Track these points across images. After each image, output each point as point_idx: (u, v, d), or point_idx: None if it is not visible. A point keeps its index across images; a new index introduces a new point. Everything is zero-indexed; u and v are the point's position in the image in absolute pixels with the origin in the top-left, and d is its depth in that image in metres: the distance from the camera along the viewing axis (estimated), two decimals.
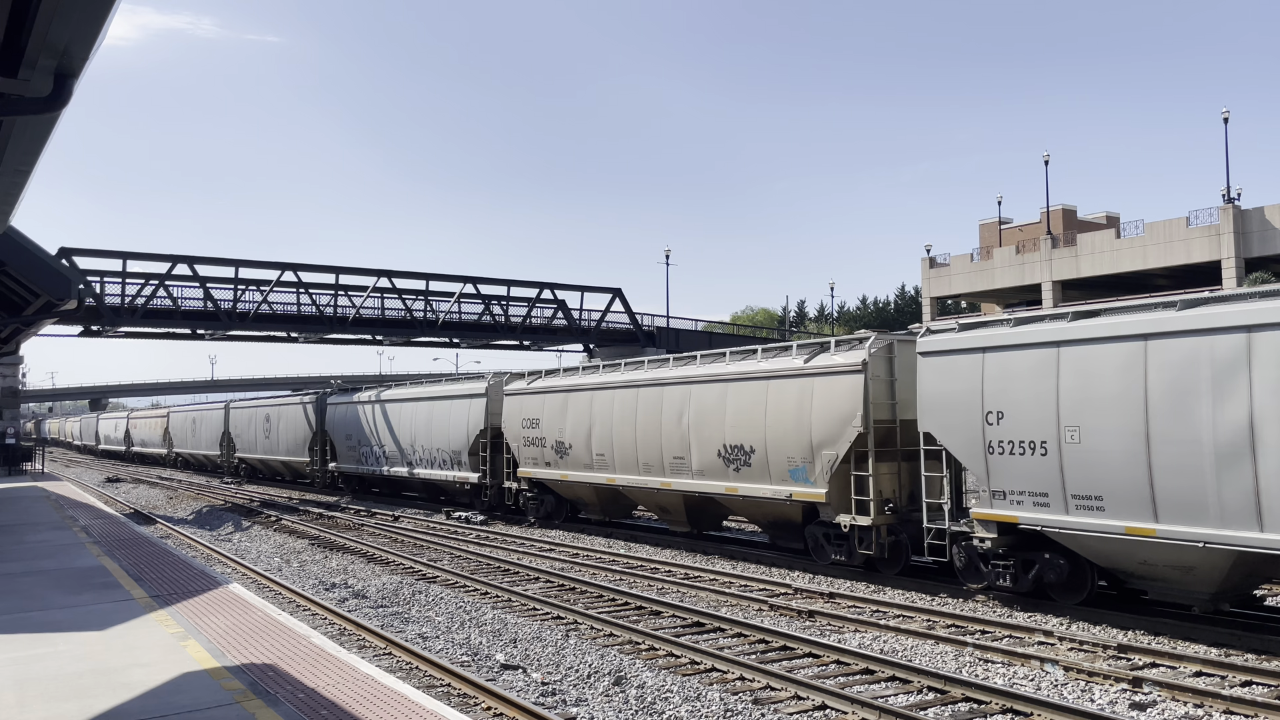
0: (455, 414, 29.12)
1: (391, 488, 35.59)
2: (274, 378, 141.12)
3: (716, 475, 18.90)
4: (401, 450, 32.24)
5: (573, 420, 23.29)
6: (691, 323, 59.02)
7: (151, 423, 68.58)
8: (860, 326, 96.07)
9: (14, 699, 8.25)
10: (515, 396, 26.05)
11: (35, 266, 22.36)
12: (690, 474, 19.58)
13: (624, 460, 21.47)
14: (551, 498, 25.20)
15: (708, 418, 19.11)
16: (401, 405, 32.55)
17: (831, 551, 16.88)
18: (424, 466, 30.97)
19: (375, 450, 34.20)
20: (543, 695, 10.11)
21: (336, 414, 37.46)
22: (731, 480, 18.54)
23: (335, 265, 42.94)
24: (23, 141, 9.70)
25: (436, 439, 29.97)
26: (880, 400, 16.06)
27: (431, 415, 30.51)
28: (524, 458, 25.36)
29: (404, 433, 32.02)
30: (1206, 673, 10.41)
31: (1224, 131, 55.85)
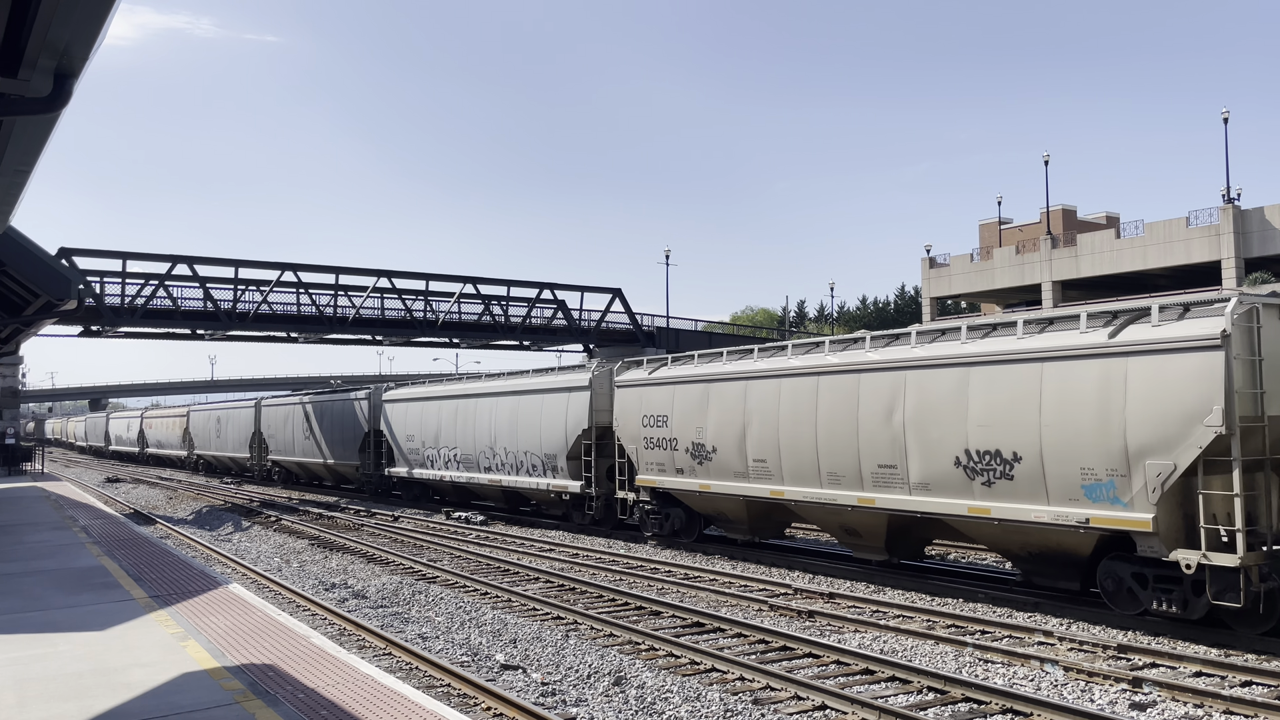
0: (550, 411, 24.96)
1: (460, 496, 31.44)
2: (274, 378, 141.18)
3: (950, 490, 14.29)
4: (477, 453, 28.25)
5: (718, 417, 18.79)
6: (691, 323, 59.06)
7: (169, 423, 63.30)
8: (860, 327, 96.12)
9: (14, 699, 8.25)
10: (632, 389, 21.60)
11: (35, 266, 22.34)
12: (905, 488, 15.00)
13: (796, 469, 16.95)
14: (680, 511, 20.74)
15: (937, 414, 14.48)
16: (479, 401, 28.42)
17: (1152, 599, 12.20)
18: (506, 472, 26.90)
19: (442, 453, 30.20)
20: (543, 695, 10.11)
21: (394, 412, 33.41)
22: (979, 498, 13.88)
23: (335, 265, 42.95)
24: (23, 141, 9.70)
25: (524, 440, 25.90)
26: (1246, 388, 11.52)
27: (518, 413, 26.44)
28: (644, 463, 20.94)
29: (481, 433, 27.99)
30: (1206, 673, 10.41)
31: (1224, 132, 55.90)
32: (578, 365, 26.34)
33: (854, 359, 16.14)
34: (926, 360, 14.81)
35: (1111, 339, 12.59)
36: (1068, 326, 13.28)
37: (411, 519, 28.22)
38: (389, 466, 34.03)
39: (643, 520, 21.68)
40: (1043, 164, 62.10)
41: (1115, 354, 12.47)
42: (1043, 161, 61.96)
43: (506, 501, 28.21)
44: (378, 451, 35.16)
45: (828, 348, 17.04)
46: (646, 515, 21.52)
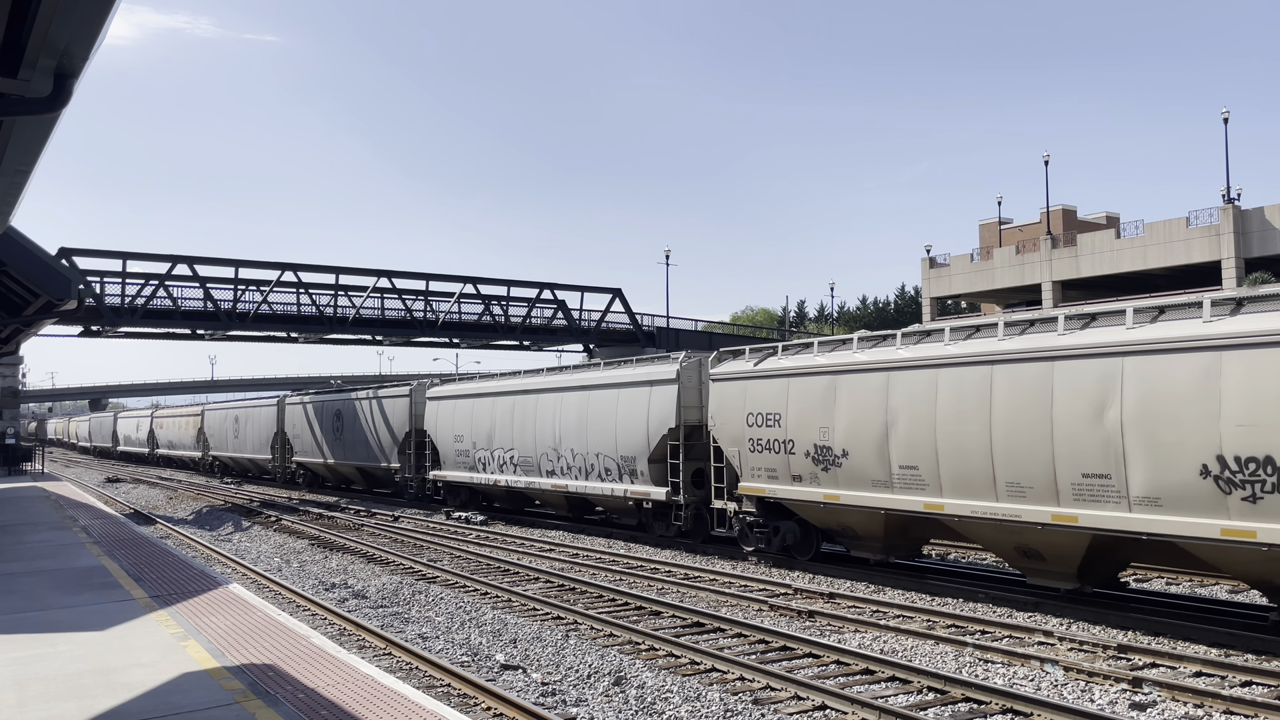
0: (628, 408, 21.96)
1: (516, 503, 28.41)
2: (274, 378, 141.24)
3: (1193, 507, 11.58)
4: (538, 456, 25.34)
5: (850, 415, 15.92)
6: (691, 323, 59.08)
7: (182, 422, 59.53)
8: (860, 326, 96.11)
9: (14, 699, 8.25)
10: (733, 382, 18.61)
11: (35, 266, 22.34)
12: (1121, 503, 12.25)
13: (960, 478, 14.10)
14: (793, 525, 17.84)
15: (1172, 411, 11.75)
16: (540, 398, 25.48)
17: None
18: (572, 476, 23.98)
19: (496, 455, 27.15)
20: (543, 695, 10.11)
21: (440, 410, 30.26)
22: (1237, 517, 11.18)
23: (335, 265, 42.96)
24: (23, 141, 9.69)
25: (596, 441, 23.00)
26: None
27: (588, 410, 23.49)
28: (750, 468, 18.05)
29: (543, 433, 25.08)
30: (1206, 673, 10.41)
31: (1224, 132, 55.89)
32: (660, 355, 22.45)
33: (1042, 344, 13.23)
34: (1153, 344, 11.95)
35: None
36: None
37: (411, 519, 28.21)
38: (433, 470, 30.80)
39: (743, 534, 18.77)
40: (1043, 164, 62.14)
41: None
42: (1043, 161, 61.99)
43: (570, 509, 25.39)
44: (419, 453, 32.05)
45: (1002, 330, 14.10)
46: (749, 528, 18.57)
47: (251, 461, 47.36)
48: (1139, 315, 12.56)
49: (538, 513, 28.14)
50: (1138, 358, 12.17)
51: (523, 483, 26.05)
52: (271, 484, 44.72)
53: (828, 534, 17.68)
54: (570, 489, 24.09)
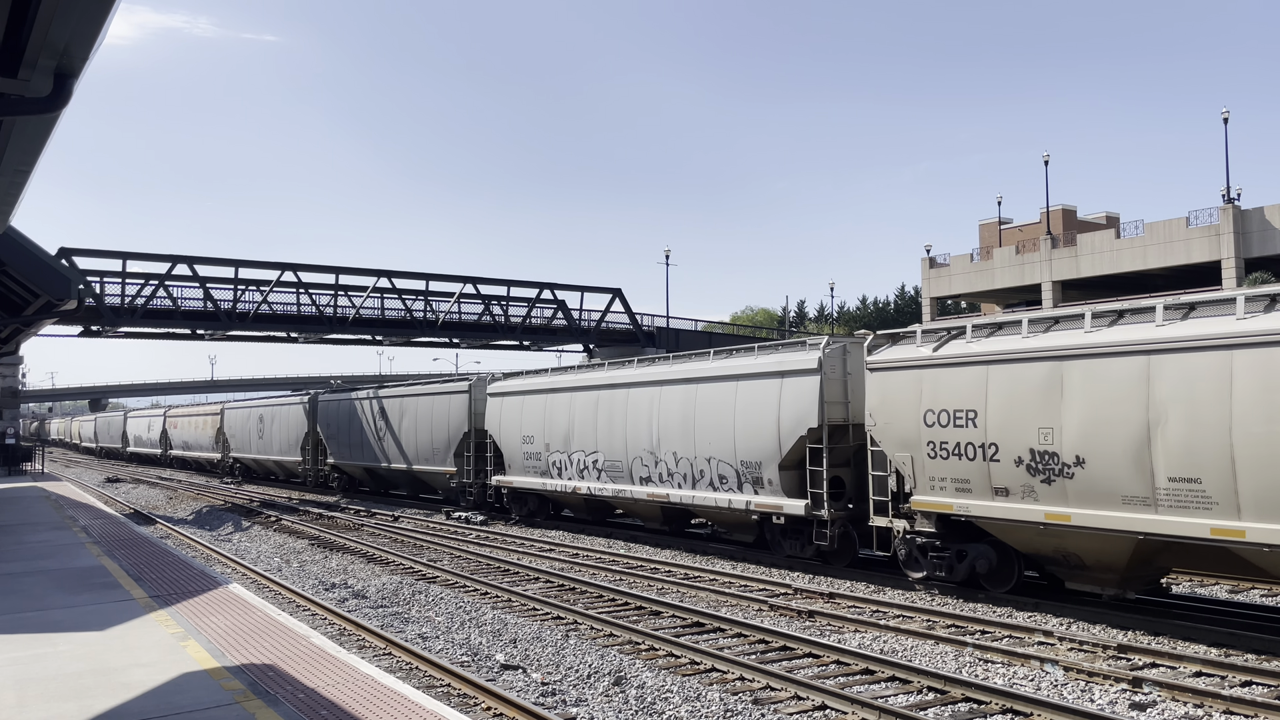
0: (751, 403, 18.44)
1: (596, 512, 24.94)
2: (274, 378, 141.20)
3: None
4: (629, 460, 21.89)
5: (1086, 411, 12.69)
6: (691, 323, 59.07)
7: (199, 422, 55.71)
8: (860, 326, 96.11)
9: (14, 699, 8.25)
10: (902, 371, 15.19)
11: (35, 266, 22.34)
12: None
13: (1270, 494, 10.94)
14: (988, 548, 14.54)
15: None
16: (633, 392, 22.15)
17: None
18: (676, 485, 20.43)
19: (575, 459, 23.88)
20: (543, 695, 10.11)
21: (506, 408, 26.96)
22: None
23: (335, 265, 42.98)
24: (23, 141, 9.69)
25: (708, 443, 19.54)
26: None
27: (695, 406, 20.00)
28: (927, 478, 14.76)
29: (636, 433, 21.66)
30: (1206, 673, 10.41)
31: (1224, 132, 55.90)
32: (794, 341, 18.75)
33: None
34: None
35: None
36: None
37: (411, 519, 28.21)
38: (496, 474, 27.58)
39: (911, 558, 15.38)
40: (1043, 164, 62.14)
41: None
42: (1043, 161, 61.99)
43: (667, 522, 22.14)
44: (479, 456, 28.83)
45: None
46: (920, 551, 15.23)
47: (278, 464, 44.21)
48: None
49: (620, 524, 24.93)
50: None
51: (609, 491, 22.46)
52: (301, 488, 41.61)
53: (1032, 560, 14.40)
54: (672, 499, 20.48)
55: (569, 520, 25.81)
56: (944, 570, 14.96)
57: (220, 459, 51.84)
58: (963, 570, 14.77)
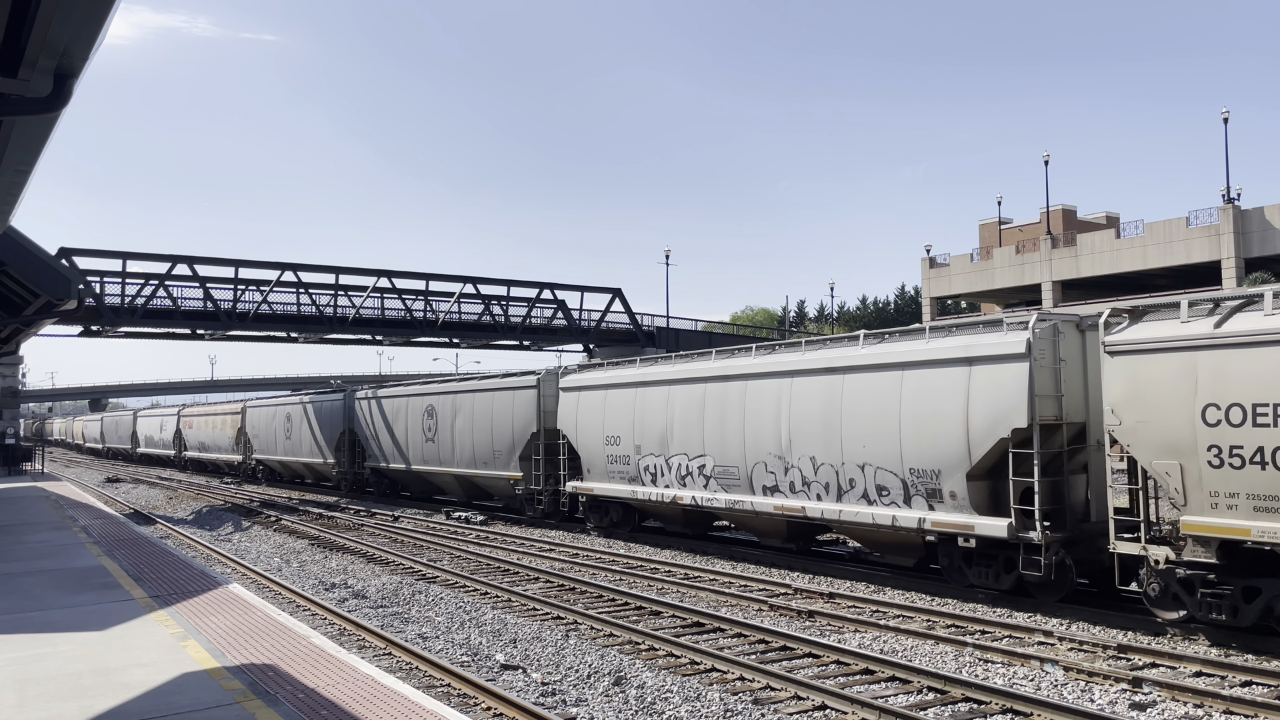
0: (924, 398, 15.14)
1: (695, 524, 21.49)
2: (274, 378, 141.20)
3: None
4: (747, 466, 18.52)
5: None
6: (691, 323, 59.07)
7: (218, 421, 52.45)
8: (860, 326, 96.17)
9: (14, 699, 8.25)
10: (1162, 355, 12.03)
11: (35, 266, 22.34)
12: None
13: None
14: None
15: None
16: (752, 386, 18.50)
17: None
18: (813, 496, 17.03)
19: (675, 463, 20.48)
20: (543, 695, 10.11)
21: (583, 405, 23.70)
22: None
23: (335, 265, 42.96)
24: (23, 141, 9.69)
25: (860, 447, 16.10)
26: None
27: (840, 402, 16.55)
28: (1207, 493, 11.53)
29: (759, 434, 18.19)
30: (1206, 673, 10.41)
31: (1224, 132, 55.91)
32: (982, 320, 15.42)
33: None
34: None
35: None
36: None
37: (411, 519, 28.21)
38: (571, 479, 24.47)
39: (1168, 594, 12.13)
40: (1043, 164, 62.14)
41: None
42: (1043, 161, 61.99)
43: (793, 538, 18.83)
44: (549, 459, 25.93)
45: None
46: (1185, 585, 11.94)
47: (307, 466, 41.21)
48: None
49: (724, 539, 21.82)
50: None
51: (720, 502, 19.15)
52: (335, 492, 38.95)
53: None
54: (809, 513, 16.99)
55: (659, 533, 22.52)
56: (1221, 611, 11.58)
57: (241, 461, 48.91)
58: (1253, 612, 11.41)
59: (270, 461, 45.28)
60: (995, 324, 14.73)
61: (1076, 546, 13.70)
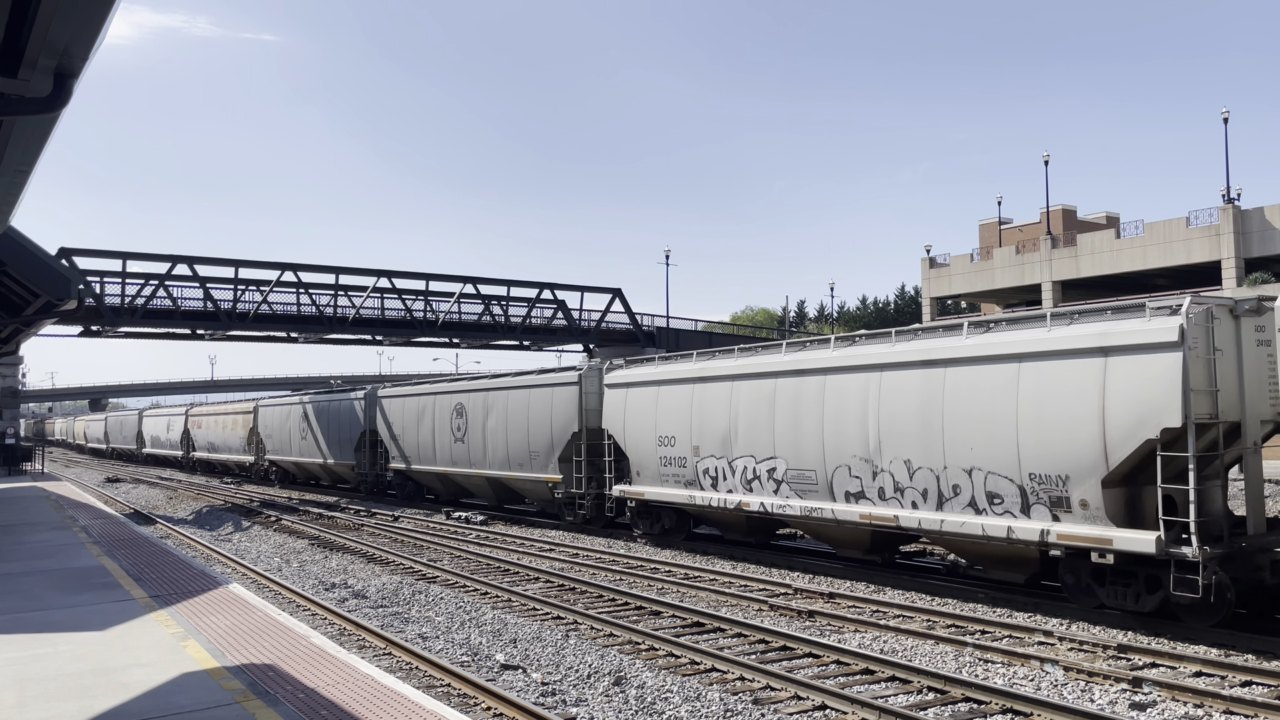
0: (1046, 392, 13.36)
1: (760, 533, 20.22)
2: (274, 378, 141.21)
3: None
4: (827, 470, 16.62)
5: None
6: (691, 323, 59.07)
7: (228, 421, 50.48)
8: (860, 326, 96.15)
9: (14, 699, 8.25)
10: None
11: (35, 266, 22.35)
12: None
13: None
14: None
15: None
16: (831, 381, 16.62)
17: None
18: (906, 504, 15.23)
19: (740, 466, 18.47)
20: (543, 695, 10.11)
21: (632, 402, 21.71)
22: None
23: (335, 265, 42.97)
24: (23, 141, 9.70)
25: (963, 449, 14.29)
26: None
27: (942, 396, 14.67)
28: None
29: (841, 435, 16.33)
30: (1206, 673, 10.41)
31: (1224, 132, 55.91)
32: (1126, 304, 13.19)
33: None
34: None
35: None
36: None
37: (411, 519, 28.21)
38: (620, 483, 22.51)
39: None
40: (1043, 164, 62.14)
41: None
42: (1043, 161, 61.99)
43: (877, 549, 17.14)
44: (592, 461, 24.01)
45: None
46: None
47: (324, 468, 39.74)
48: None
49: (791, 548, 20.45)
50: None
51: (794, 509, 17.26)
52: (355, 494, 37.54)
53: None
54: (903, 522, 15.23)
55: (716, 542, 20.84)
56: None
57: (254, 462, 47.23)
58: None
59: (284, 463, 43.75)
60: (1134, 309, 12.88)
61: (1231, 564, 12.08)
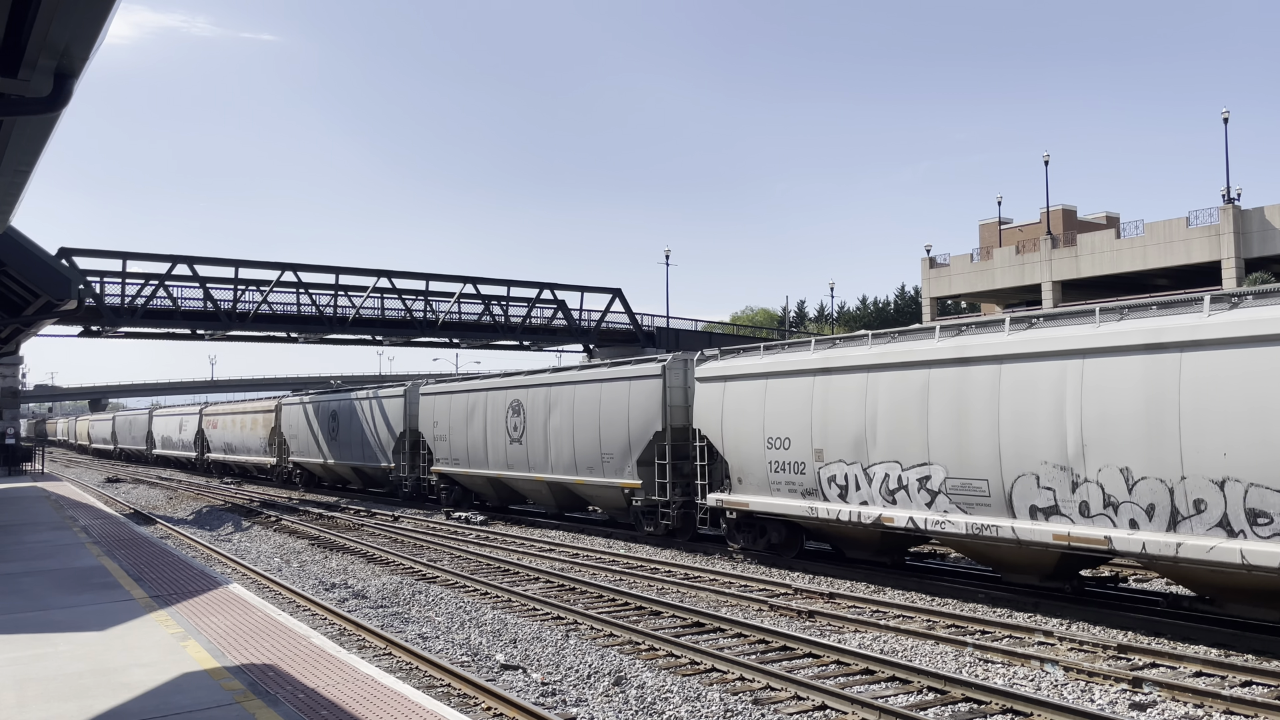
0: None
1: (893, 551, 17.15)
2: (274, 378, 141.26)
3: None
4: (1007, 481, 13.67)
5: None
6: (691, 323, 59.11)
7: (246, 420, 47.69)
8: (860, 327, 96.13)
9: (14, 699, 8.25)
10: None
11: (35, 266, 22.35)
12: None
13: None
14: None
15: None
16: (1009, 369, 13.72)
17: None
18: (1122, 523, 12.37)
19: (879, 475, 15.63)
20: (543, 695, 10.11)
21: (730, 398, 18.83)
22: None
23: (335, 265, 43.02)
24: (23, 141, 9.70)
25: (1211, 454, 11.45)
26: None
27: (1178, 389, 11.82)
28: None
29: (1025, 434, 13.41)
30: (1206, 673, 10.40)
31: (1224, 132, 55.92)
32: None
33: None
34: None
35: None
36: None
37: (411, 519, 28.21)
38: (717, 492, 19.38)
39: None
40: (1043, 164, 62.14)
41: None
42: (1043, 161, 61.99)
43: (1058, 574, 14.04)
44: (677, 466, 21.09)
45: None
46: None
47: (357, 471, 37.23)
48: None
49: (930, 568, 17.64)
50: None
51: (957, 525, 14.26)
52: (391, 500, 34.92)
53: None
54: (1118, 545, 12.26)
55: (833, 561, 17.95)
56: None
57: (275, 464, 44.62)
58: None
59: (310, 465, 40.95)
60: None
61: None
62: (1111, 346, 12.64)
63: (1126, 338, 12.52)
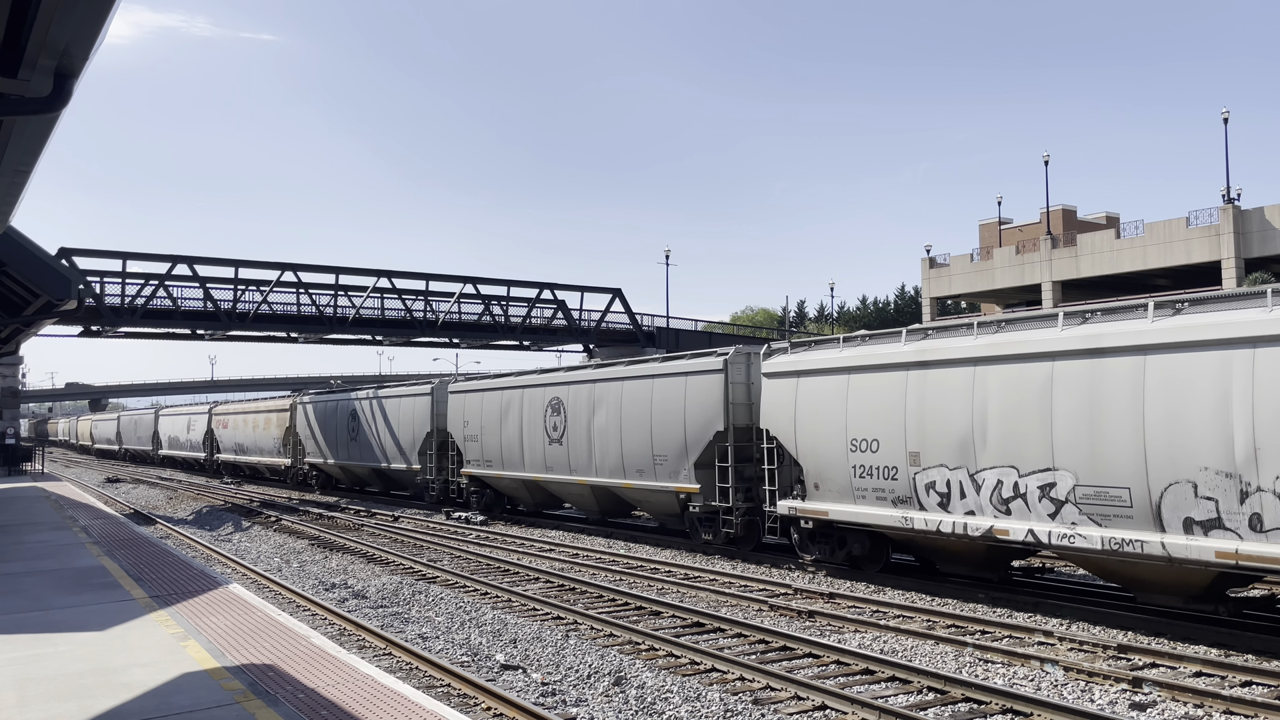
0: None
1: (996, 565, 15.43)
2: (274, 378, 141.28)
3: None
4: (1150, 487, 11.92)
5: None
6: (691, 323, 59.08)
7: (259, 420, 45.88)
8: (860, 326, 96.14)
9: (14, 699, 8.25)
10: None
11: (35, 266, 22.35)
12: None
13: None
14: None
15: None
16: (1155, 361, 11.94)
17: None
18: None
19: (987, 481, 13.88)
20: (543, 695, 10.11)
21: (805, 397, 17.01)
22: None
23: (335, 265, 43.03)
24: (23, 141, 9.70)
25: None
26: None
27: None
28: None
29: (1178, 438, 11.66)
30: (1206, 673, 10.40)
31: (1224, 132, 55.92)
32: None
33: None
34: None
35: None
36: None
37: (411, 519, 28.21)
38: (788, 499, 17.44)
39: None
40: (1043, 164, 62.14)
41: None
42: (1043, 161, 61.99)
43: (1211, 596, 12.40)
44: (739, 470, 19.29)
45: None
46: None
47: (378, 473, 35.50)
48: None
49: (1039, 584, 15.67)
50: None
51: (1090, 539, 12.51)
52: (418, 503, 32.83)
53: None
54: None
55: (917, 575, 16.47)
56: None
57: (290, 465, 42.82)
58: None
59: (327, 467, 39.17)
60: None
61: None
62: (1226, 338, 11.13)
63: (1240, 325, 11.01)
